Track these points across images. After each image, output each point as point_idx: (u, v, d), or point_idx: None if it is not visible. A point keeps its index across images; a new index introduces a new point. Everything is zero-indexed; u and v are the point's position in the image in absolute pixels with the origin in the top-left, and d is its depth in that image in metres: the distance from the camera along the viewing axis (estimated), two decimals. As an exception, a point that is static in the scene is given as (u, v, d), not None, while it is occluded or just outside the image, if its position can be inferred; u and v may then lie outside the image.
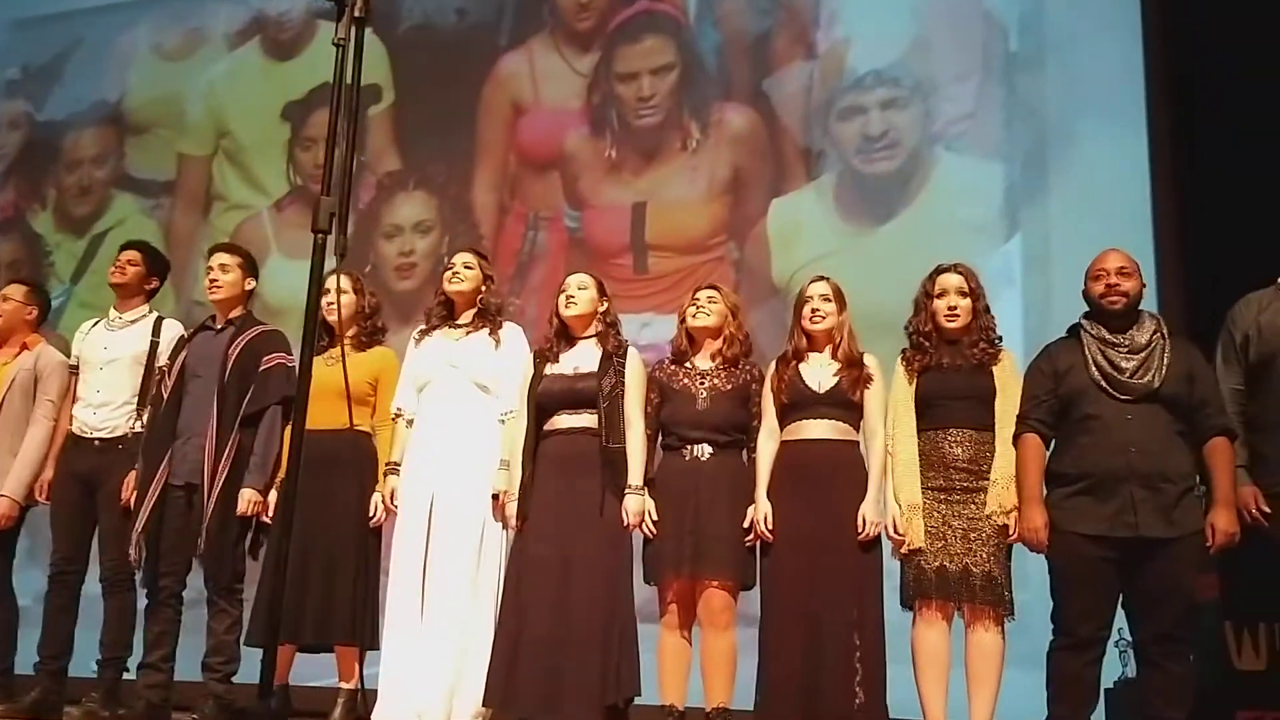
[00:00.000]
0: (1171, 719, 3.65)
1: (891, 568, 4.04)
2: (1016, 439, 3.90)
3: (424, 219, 7.18)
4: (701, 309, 4.29)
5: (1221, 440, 3.78)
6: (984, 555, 3.88)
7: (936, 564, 3.90)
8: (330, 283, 4.45)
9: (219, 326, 4.66)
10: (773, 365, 4.25)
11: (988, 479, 3.93)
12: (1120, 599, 3.77)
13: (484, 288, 4.52)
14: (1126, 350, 3.81)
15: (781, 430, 4.16)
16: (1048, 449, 3.91)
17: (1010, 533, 3.87)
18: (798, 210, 6.47)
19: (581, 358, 4.30)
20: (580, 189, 6.91)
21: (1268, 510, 3.74)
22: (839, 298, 4.25)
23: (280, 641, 4.23)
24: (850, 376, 4.11)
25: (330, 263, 2.63)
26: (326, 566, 4.29)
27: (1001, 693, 3.89)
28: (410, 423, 4.39)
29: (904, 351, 4.15)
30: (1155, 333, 3.84)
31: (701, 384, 4.23)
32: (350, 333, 4.58)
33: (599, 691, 3.96)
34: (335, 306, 4.17)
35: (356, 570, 4.31)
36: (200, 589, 4.45)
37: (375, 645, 4.30)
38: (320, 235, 2.61)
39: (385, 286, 6.95)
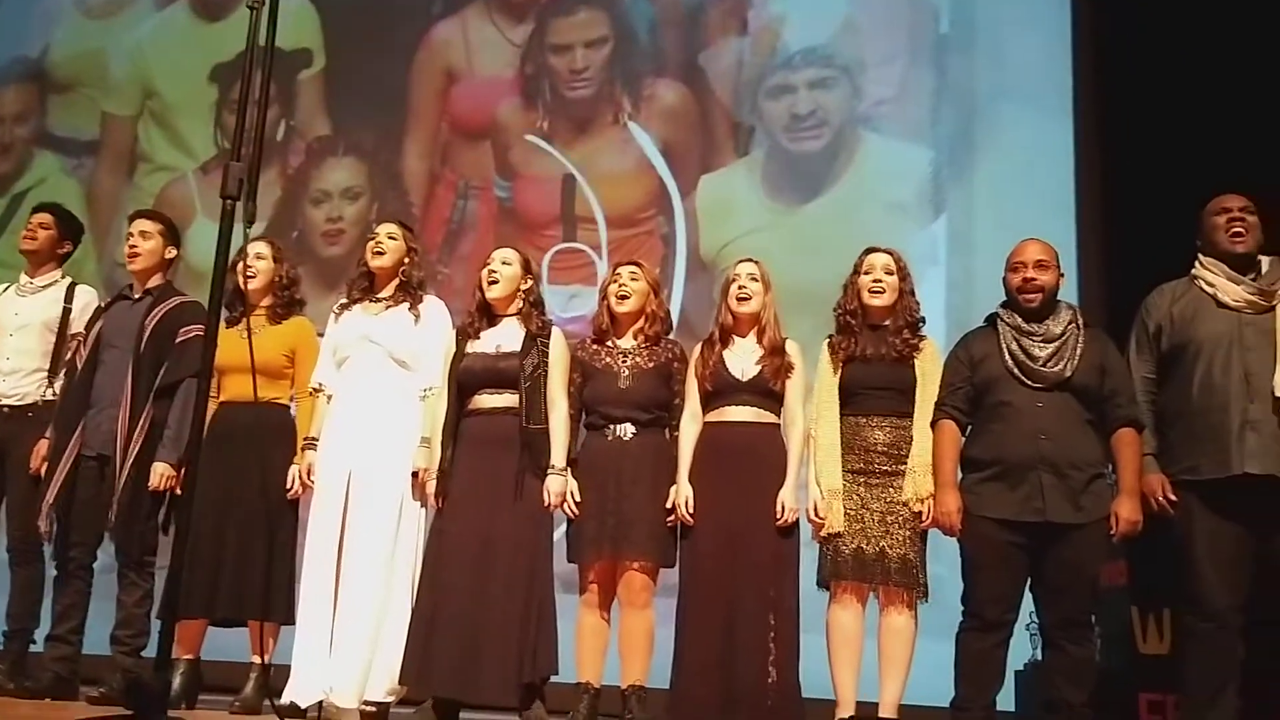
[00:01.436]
0: (1072, 700, 3.73)
1: (809, 548, 4.08)
2: (933, 425, 3.96)
3: (353, 185, 7.12)
4: (624, 286, 4.28)
5: (1128, 431, 3.85)
6: (900, 538, 3.93)
7: (853, 546, 3.95)
8: (248, 249, 4.44)
9: (137, 296, 4.57)
10: (698, 349, 4.26)
11: (906, 464, 3.98)
12: (1028, 583, 3.83)
13: (407, 260, 4.45)
14: (1041, 339, 3.87)
15: (704, 414, 4.18)
16: (963, 435, 3.97)
17: (924, 518, 3.92)
18: (727, 186, 6.50)
19: (504, 336, 4.26)
20: (511, 159, 6.88)
21: (1174, 498, 3.81)
22: (765, 280, 4.26)
23: (192, 615, 4.23)
24: (773, 365, 4.14)
25: (240, 230, 2.58)
26: (241, 540, 4.24)
27: (917, 665, 3.96)
28: (330, 398, 4.33)
29: (830, 338, 4.18)
30: (1070, 323, 3.90)
31: (624, 362, 4.23)
32: (266, 303, 4.51)
33: (515, 671, 3.96)
34: (250, 275, 4.10)
35: (272, 545, 4.26)
36: (111, 561, 4.39)
37: (290, 621, 4.25)
38: (229, 201, 2.57)
39: (313, 252, 6.90)
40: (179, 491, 4.29)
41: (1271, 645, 3.76)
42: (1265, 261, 3.90)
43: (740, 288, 4.23)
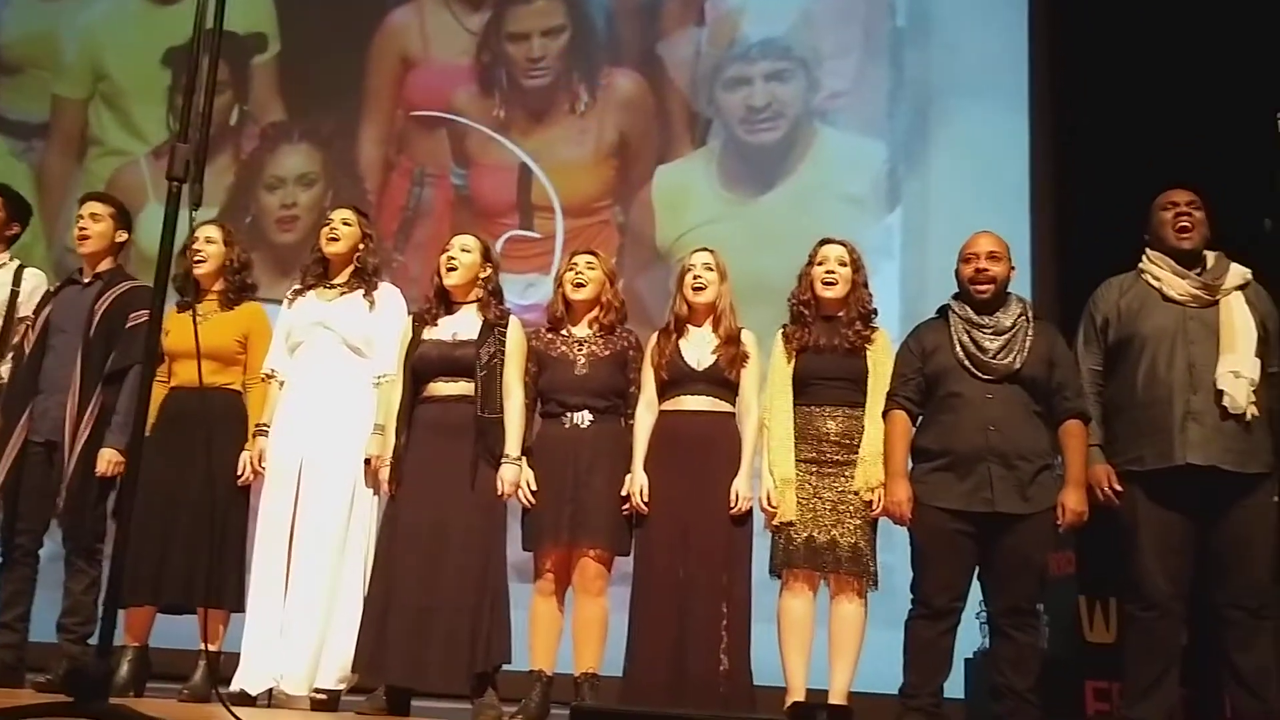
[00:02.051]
0: (1017, 687, 3.78)
1: (763, 538, 4.11)
2: (885, 415, 4.00)
3: (308, 171, 7.08)
4: (580, 274, 4.28)
5: (1075, 423, 3.90)
6: (851, 527, 3.97)
7: (805, 535, 3.98)
8: (198, 233, 4.41)
9: (86, 280, 4.52)
10: (654, 338, 4.27)
11: (858, 453, 4.01)
12: (977, 572, 3.88)
13: (362, 246, 4.43)
14: (991, 332, 3.91)
15: (660, 403, 4.19)
16: (914, 426, 4.01)
17: (874, 507, 3.95)
18: (683, 176, 6.51)
19: (461, 324, 4.24)
20: (468, 147, 6.85)
21: (1119, 489, 3.86)
22: (721, 269, 4.28)
23: (140, 603, 4.19)
24: (728, 355, 4.16)
25: (189, 212, 2.56)
26: (190, 527, 4.19)
27: (867, 653, 4.00)
28: (282, 384, 4.31)
29: (784, 327, 4.21)
30: (1020, 315, 3.95)
31: (580, 350, 4.23)
32: (217, 287, 4.47)
33: (467, 660, 3.96)
34: (200, 260, 4.06)
35: (222, 532, 4.21)
36: (59, 548, 4.36)
37: (239, 608, 4.23)
38: (176, 183, 2.54)
39: (266, 239, 6.86)
40: (128, 478, 4.27)
41: (1212, 633, 3.81)
42: (1211, 256, 3.95)
43: (696, 277, 4.24)
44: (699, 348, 4.20)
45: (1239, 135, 2.82)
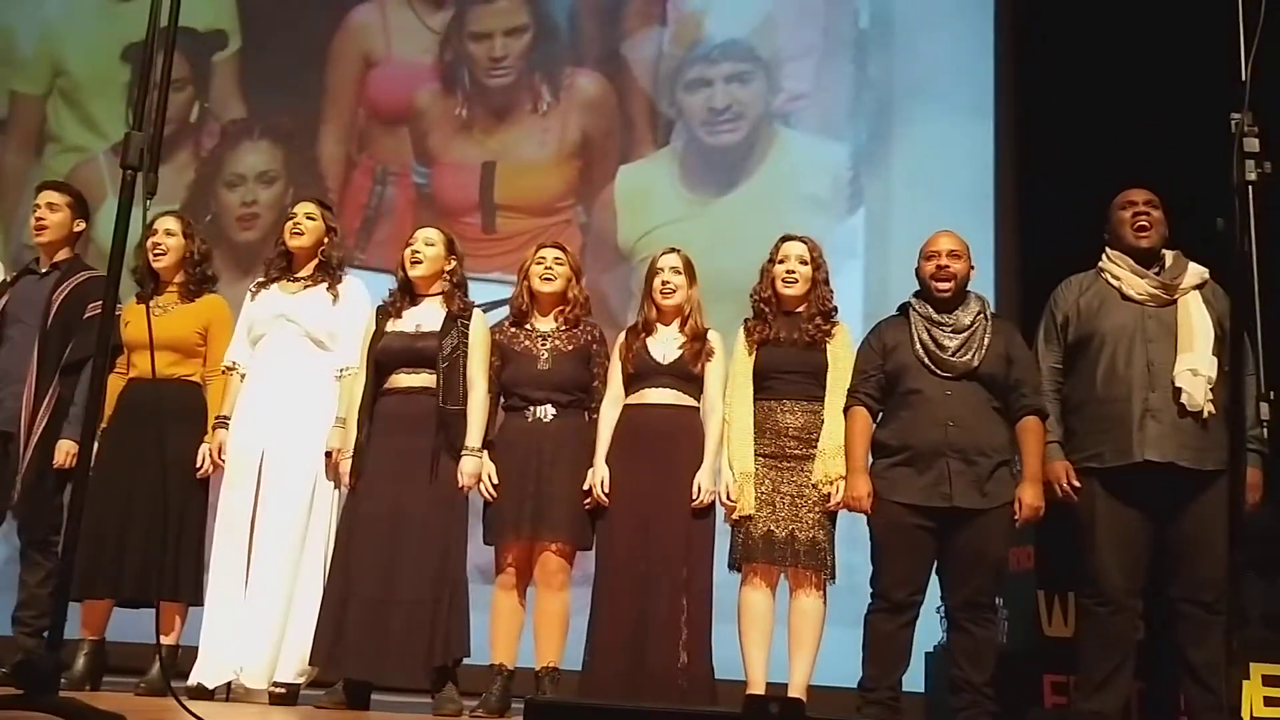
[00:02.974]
0: (974, 680, 3.82)
1: (723, 531, 4.12)
2: (846, 411, 4.03)
3: (268, 169, 7.03)
4: (549, 269, 4.28)
5: (1032, 419, 3.95)
6: (810, 521, 3.99)
7: (764, 529, 4.00)
8: (158, 225, 4.38)
9: (44, 270, 4.48)
10: (622, 335, 4.28)
11: (817, 448, 4.03)
12: (935, 566, 3.92)
13: (326, 240, 4.42)
14: (950, 329, 3.96)
15: (625, 396, 4.20)
16: (875, 422, 4.04)
17: (832, 500, 3.98)
18: (645, 177, 6.52)
19: (424, 316, 4.24)
20: (430, 145, 6.84)
21: (1077, 485, 3.90)
22: (689, 270, 4.29)
23: (97, 596, 4.16)
24: (693, 350, 4.18)
25: (144, 202, 2.53)
26: (149, 519, 4.15)
27: (830, 651, 4.02)
28: (243, 377, 4.28)
29: (745, 322, 4.23)
30: (979, 314, 4.00)
31: (543, 345, 4.23)
32: (178, 279, 4.44)
33: (426, 653, 3.95)
34: (160, 252, 4.03)
35: (180, 524, 4.19)
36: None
37: (197, 601, 4.20)
38: (129, 172, 2.52)
39: (226, 237, 6.80)
40: (86, 469, 4.22)
41: (1166, 627, 3.86)
42: (1169, 256, 4.00)
43: (665, 283, 4.25)
44: (665, 343, 4.22)
45: (1196, 136, 2.87)
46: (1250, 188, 2.69)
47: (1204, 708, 3.73)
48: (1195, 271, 3.95)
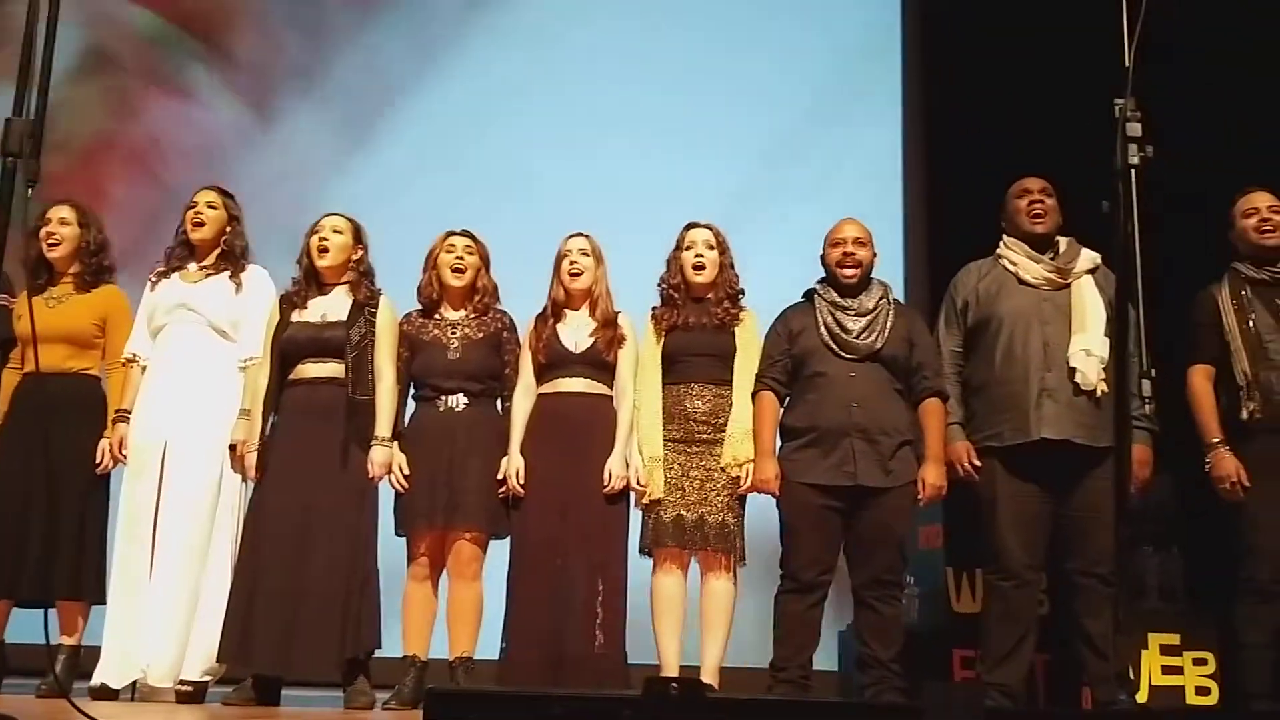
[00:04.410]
0: (882, 657, 3.90)
1: (635, 516, 4.15)
2: (754, 396, 4.08)
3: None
4: (460, 259, 4.26)
5: (934, 401, 4.04)
6: (719, 504, 4.04)
7: (674, 513, 4.04)
8: (51, 214, 4.29)
9: (-66, 264, 4.37)
10: (531, 322, 4.28)
11: (725, 432, 4.08)
12: (842, 546, 3.98)
13: (229, 230, 4.34)
14: (854, 314, 4.03)
15: (538, 385, 4.21)
16: (782, 405, 4.10)
17: (741, 484, 4.02)
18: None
19: (331, 306, 4.19)
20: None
21: (978, 464, 3.99)
22: (597, 253, 4.30)
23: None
24: (605, 337, 4.20)
25: (25, 190, 2.48)
26: (48, 517, 4.06)
27: (748, 633, 4.06)
28: (144, 368, 4.21)
29: (654, 309, 4.27)
30: (882, 298, 4.08)
31: (453, 334, 4.22)
32: (74, 270, 4.35)
33: (337, 645, 3.91)
34: (54, 242, 3.94)
35: (81, 521, 4.12)
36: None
37: (101, 599, 4.13)
38: (10, 160, 2.46)
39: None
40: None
41: (1066, 599, 3.96)
42: (1063, 242, 4.11)
43: (572, 263, 4.26)
44: (576, 331, 4.22)
45: (1091, 123, 2.95)
46: (1133, 171, 2.76)
47: (1100, 676, 3.84)
48: (1088, 256, 4.05)
